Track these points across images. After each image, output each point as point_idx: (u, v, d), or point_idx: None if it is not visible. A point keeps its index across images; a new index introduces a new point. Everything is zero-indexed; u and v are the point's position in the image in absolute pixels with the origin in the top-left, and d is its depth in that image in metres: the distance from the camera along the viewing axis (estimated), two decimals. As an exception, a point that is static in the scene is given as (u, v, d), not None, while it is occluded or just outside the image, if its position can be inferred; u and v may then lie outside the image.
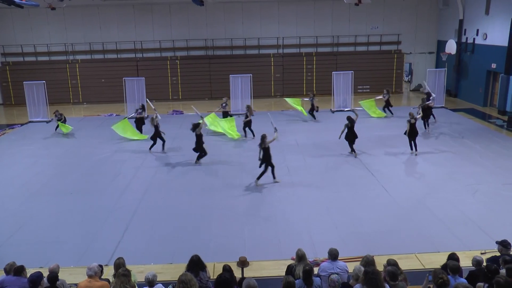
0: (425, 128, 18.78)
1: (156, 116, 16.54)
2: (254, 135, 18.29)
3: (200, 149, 15.32)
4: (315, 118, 21.55)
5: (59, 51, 27.84)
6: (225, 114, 20.14)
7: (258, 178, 13.30)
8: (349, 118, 15.56)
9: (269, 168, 13.28)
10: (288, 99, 22.59)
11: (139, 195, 12.87)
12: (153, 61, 27.84)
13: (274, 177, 13.47)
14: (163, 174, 14.66)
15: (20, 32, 27.60)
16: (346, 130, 15.61)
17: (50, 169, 15.42)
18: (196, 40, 28.05)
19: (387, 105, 22.34)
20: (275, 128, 13.67)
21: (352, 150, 15.86)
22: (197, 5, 24.86)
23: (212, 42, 28.11)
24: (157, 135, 16.60)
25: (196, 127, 15.07)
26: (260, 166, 13.21)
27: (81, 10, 27.18)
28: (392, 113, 22.18)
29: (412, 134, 15.71)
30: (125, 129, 18.81)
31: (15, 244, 10.15)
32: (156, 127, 16.46)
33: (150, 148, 16.87)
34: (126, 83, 23.36)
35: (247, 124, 18.52)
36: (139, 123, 19.14)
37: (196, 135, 15.06)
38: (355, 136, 15.69)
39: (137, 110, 19.15)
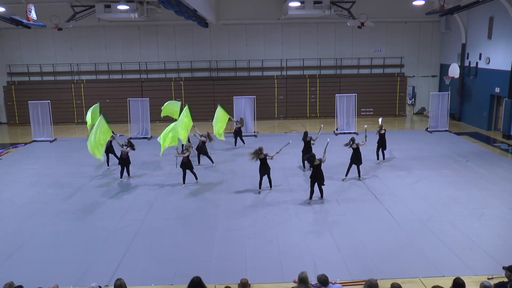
0: (378, 158, 17.76)
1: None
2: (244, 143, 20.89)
3: None
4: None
5: (65, 71, 28.12)
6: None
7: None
8: (351, 139, 15.62)
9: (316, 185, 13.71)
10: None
11: (141, 215, 12.79)
12: (157, 82, 28.02)
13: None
14: (165, 195, 14.57)
15: (26, 52, 27.92)
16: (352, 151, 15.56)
17: (52, 189, 15.36)
18: (200, 62, 28.28)
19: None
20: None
21: (348, 172, 15.71)
22: (201, 26, 25.13)
23: (216, 64, 28.32)
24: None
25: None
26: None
27: (87, 31, 27.48)
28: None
29: (356, 159, 15.51)
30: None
31: (15, 263, 10.05)
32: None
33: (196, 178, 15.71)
34: (131, 104, 23.48)
35: (238, 133, 20.67)
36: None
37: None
38: (359, 160, 15.61)
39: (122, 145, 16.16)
